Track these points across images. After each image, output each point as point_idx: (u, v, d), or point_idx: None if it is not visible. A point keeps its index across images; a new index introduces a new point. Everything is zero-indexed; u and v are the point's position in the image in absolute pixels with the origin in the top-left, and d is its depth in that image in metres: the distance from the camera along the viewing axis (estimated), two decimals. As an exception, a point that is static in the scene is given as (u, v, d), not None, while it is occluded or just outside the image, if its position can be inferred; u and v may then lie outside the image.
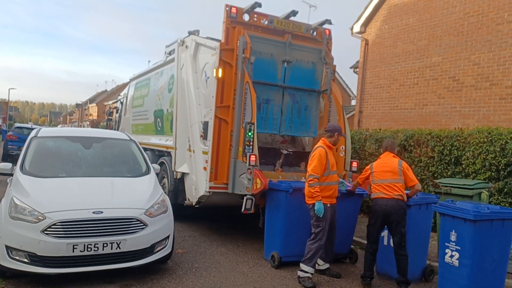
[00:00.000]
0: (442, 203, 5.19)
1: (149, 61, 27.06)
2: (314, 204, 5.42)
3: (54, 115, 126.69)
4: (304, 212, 5.73)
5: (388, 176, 5.54)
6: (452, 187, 6.53)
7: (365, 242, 5.91)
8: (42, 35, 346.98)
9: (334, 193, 5.72)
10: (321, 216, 5.39)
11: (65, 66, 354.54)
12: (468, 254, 4.78)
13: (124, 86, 41.05)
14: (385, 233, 5.99)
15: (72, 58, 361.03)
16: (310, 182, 5.44)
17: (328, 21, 7.83)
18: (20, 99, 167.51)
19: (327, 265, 5.97)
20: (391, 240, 5.62)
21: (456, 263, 4.89)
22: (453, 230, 4.92)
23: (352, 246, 6.85)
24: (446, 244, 5.01)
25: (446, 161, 8.39)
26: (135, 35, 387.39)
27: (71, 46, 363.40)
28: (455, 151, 8.20)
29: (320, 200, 5.40)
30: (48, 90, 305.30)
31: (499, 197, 7.43)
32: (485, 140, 7.70)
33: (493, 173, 7.53)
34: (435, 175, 8.52)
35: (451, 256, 4.96)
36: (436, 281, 5.56)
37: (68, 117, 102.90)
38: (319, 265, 5.82)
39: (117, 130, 13.96)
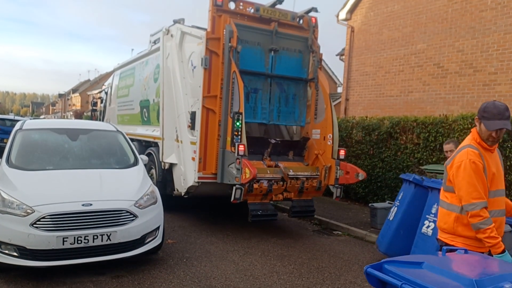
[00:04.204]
0: (433, 180, 5.34)
1: (132, 50, 26.76)
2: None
3: (36, 105, 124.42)
4: None
5: None
6: (437, 173, 6.65)
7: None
8: (17, 23, 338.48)
9: (499, 229, 3.27)
10: None
11: (41, 55, 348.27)
12: None
13: (107, 75, 40.50)
14: (394, 209, 6.13)
15: (50, 46, 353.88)
16: (474, 220, 3.11)
17: (314, 9, 7.83)
18: (0, 89, 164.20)
19: None
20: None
21: (430, 232, 5.12)
22: (436, 204, 5.10)
23: None
24: (427, 216, 5.25)
25: (431, 147, 8.53)
26: (113, 21, 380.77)
27: (48, 34, 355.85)
28: (440, 137, 8.33)
29: (504, 249, 3.09)
30: (24, 79, 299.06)
31: (482, 182, 7.59)
32: (469, 126, 7.83)
33: (477, 159, 7.67)
34: (421, 161, 8.65)
35: (428, 227, 5.20)
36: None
37: (50, 107, 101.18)
38: None
39: (102, 120, 13.84)
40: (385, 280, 2.38)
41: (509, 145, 7.55)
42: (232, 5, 7.24)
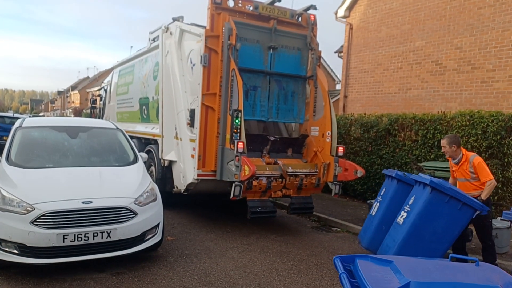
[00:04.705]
0: (421, 175, 5.49)
1: (131, 47, 26.69)
2: None
3: (36, 103, 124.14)
4: None
5: None
6: (435, 170, 6.69)
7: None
8: (16, 20, 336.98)
9: None
10: None
11: (40, 52, 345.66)
12: (412, 215, 5.10)
13: (106, 72, 40.48)
14: (376, 205, 6.19)
15: (48, 43, 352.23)
16: None
17: (313, 7, 7.84)
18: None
19: None
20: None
21: (401, 221, 5.23)
22: (414, 196, 5.24)
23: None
24: (404, 207, 5.35)
25: (430, 144, 8.57)
26: (112, 18, 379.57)
27: (47, 31, 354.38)
28: (438, 134, 8.36)
29: None
30: (23, 76, 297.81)
31: (480, 179, 7.63)
32: (467, 123, 7.88)
33: (475, 156, 7.71)
34: (419, 158, 8.69)
35: (402, 216, 5.30)
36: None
37: (50, 104, 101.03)
38: None
39: (102, 118, 13.84)
40: (337, 269, 2.67)
41: (506, 142, 7.59)
42: (231, 3, 7.25)
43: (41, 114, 74.18)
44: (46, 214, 4.59)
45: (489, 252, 5.61)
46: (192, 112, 7.32)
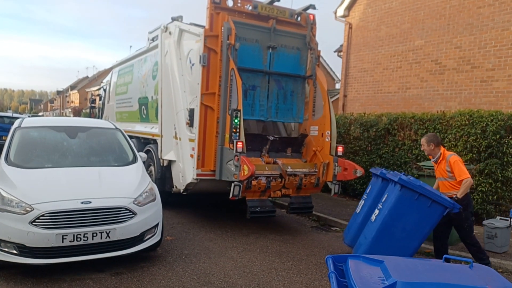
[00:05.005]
0: (393, 173, 5.59)
1: (130, 46, 26.71)
2: None
3: (35, 102, 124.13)
4: None
5: None
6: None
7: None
8: (15, 19, 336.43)
9: None
10: None
11: (39, 51, 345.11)
12: (383, 212, 5.14)
13: (106, 72, 40.45)
14: (361, 203, 6.20)
15: (47, 42, 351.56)
16: None
17: (312, 6, 7.84)
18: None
19: None
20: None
21: (374, 218, 5.28)
22: (387, 193, 5.29)
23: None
24: (378, 204, 5.39)
25: (429, 144, 8.55)
26: (111, 18, 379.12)
27: (46, 31, 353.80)
28: (438, 134, 8.35)
29: None
30: (22, 76, 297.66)
31: (480, 178, 7.64)
32: (467, 122, 7.88)
33: (474, 155, 7.72)
34: (419, 157, 8.69)
35: (374, 214, 5.34)
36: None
37: (49, 104, 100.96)
38: None
39: (101, 117, 13.84)
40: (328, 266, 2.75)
41: (506, 141, 7.59)
42: (230, 3, 7.25)
43: (40, 113, 74.17)
44: (45, 214, 4.59)
45: (474, 250, 5.59)
46: (191, 112, 7.31)
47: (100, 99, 14.94)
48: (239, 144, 6.40)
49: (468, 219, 5.55)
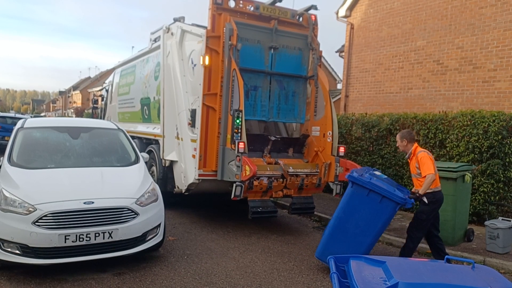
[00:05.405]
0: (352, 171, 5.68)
1: (133, 47, 26.74)
2: None
3: (37, 103, 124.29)
4: None
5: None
6: (438, 170, 6.67)
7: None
8: (16, 20, 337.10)
9: None
10: None
11: (41, 52, 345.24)
12: (338, 209, 5.30)
13: (108, 72, 40.54)
14: None
15: (49, 43, 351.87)
16: None
17: (314, 7, 7.84)
18: (1, 87, 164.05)
19: None
20: None
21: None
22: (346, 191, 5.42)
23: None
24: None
25: (431, 144, 8.56)
26: (112, 18, 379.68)
27: (48, 31, 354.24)
28: (440, 134, 8.36)
29: None
30: (24, 76, 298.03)
31: (482, 179, 7.64)
32: (469, 123, 7.87)
33: (476, 156, 7.71)
34: (420, 158, 8.67)
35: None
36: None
37: (51, 105, 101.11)
38: None
39: (103, 118, 13.88)
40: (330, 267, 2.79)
41: (508, 142, 7.58)
42: (232, 3, 7.26)
43: (42, 114, 74.28)
44: (48, 215, 4.61)
45: (408, 246, 5.61)
46: (193, 112, 7.33)
47: (102, 100, 14.98)
48: (241, 145, 6.41)
49: (426, 214, 5.49)
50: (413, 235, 5.57)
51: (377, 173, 5.84)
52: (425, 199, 5.35)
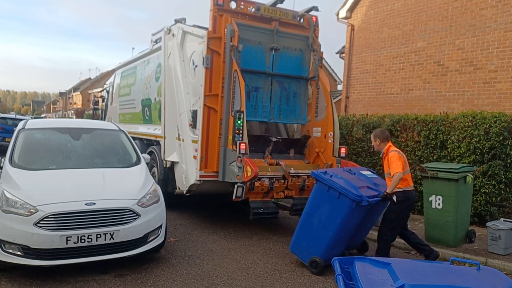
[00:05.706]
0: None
1: (133, 48, 26.73)
2: None
3: (37, 104, 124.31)
4: None
5: (407, 166, 5.62)
6: (438, 171, 6.68)
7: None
8: (17, 21, 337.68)
9: None
10: None
11: (42, 53, 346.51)
12: (307, 204, 5.57)
13: (108, 73, 40.53)
14: None
15: (49, 44, 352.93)
16: None
17: (315, 8, 7.85)
18: (1, 88, 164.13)
19: None
20: None
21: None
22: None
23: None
24: None
25: (432, 145, 8.55)
26: (112, 19, 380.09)
27: (48, 32, 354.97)
28: (441, 135, 8.35)
29: None
30: (24, 78, 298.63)
31: (483, 180, 7.63)
32: (470, 124, 7.86)
33: (477, 157, 7.71)
34: (422, 159, 8.68)
35: None
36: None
37: (51, 106, 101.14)
38: None
39: (104, 119, 13.88)
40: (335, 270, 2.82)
41: (509, 143, 7.58)
42: (233, 5, 7.26)
43: (43, 115, 74.31)
44: (49, 216, 4.60)
45: (381, 247, 5.64)
46: (194, 113, 7.33)
47: (103, 101, 14.98)
48: (242, 146, 6.41)
49: (395, 213, 5.50)
50: (383, 235, 5.62)
51: (366, 172, 5.95)
52: (394, 198, 5.38)
